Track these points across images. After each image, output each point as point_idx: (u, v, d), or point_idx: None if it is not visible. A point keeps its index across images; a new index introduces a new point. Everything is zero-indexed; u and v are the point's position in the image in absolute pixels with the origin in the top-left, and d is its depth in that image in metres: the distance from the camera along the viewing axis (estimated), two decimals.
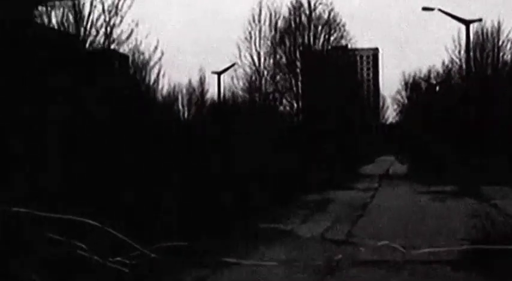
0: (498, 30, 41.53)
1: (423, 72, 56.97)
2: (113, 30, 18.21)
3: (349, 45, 45.77)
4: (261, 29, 41.69)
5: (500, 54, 41.79)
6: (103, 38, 18.06)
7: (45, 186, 11.30)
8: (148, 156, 14.39)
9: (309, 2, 42.39)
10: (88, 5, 17.95)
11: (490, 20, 42.54)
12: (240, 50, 41.47)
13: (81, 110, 13.70)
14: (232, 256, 11.87)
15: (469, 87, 38.48)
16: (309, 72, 42.08)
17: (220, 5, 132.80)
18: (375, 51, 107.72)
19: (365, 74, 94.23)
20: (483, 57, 41.71)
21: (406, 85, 63.63)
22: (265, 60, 41.72)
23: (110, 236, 10.33)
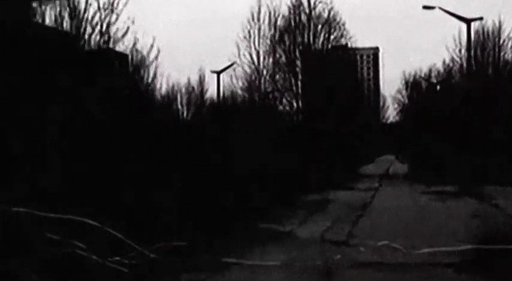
0: (499, 29, 41.47)
1: (424, 71, 56.80)
2: (108, 28, 18.14)
3: (349, 44, 45.55)
4: (260, 27, 41.51)
5: (501, 53, 41.77)
6: (98, 36, 18.01)
7: (45, 186, 11.29)
8: (148, 156, 14.39)
9: (308, 1, 42.10)
10: (83, 2, 17.91)
11: (491, 19, 42.38)
12: (239, 49, 41.27)
13: (81, 110, 13.69)
14: (232, 256, 11.87)
15: (470, 87, 38.44)
16: (308, 71, 41.90)
17: (219, 3, 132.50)
18: (375, 50, 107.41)
19: (365, 73, 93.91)
20: (484, 56, 41.63)
21: (406, 84, 63.41)
22: (264, 59, 41.54)
23: (110, 236, 10.34)
